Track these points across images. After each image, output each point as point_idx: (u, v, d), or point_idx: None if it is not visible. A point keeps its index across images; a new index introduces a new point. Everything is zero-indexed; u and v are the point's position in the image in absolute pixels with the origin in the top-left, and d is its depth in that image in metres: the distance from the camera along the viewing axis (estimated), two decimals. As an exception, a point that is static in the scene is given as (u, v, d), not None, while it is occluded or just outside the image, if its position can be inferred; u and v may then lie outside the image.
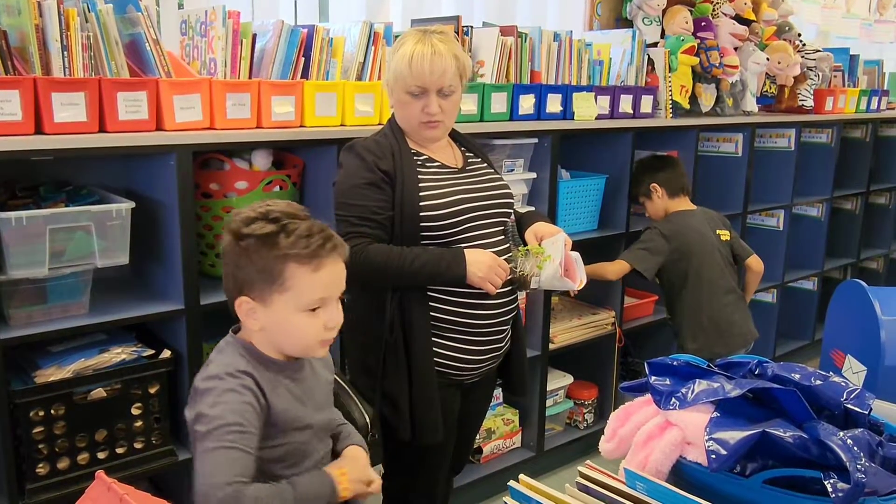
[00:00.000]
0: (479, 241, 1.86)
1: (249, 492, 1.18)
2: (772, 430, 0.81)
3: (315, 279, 1.27)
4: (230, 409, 1.22)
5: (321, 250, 1.27)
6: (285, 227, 1.26)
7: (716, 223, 2.84)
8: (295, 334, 1.30)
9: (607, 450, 0.97)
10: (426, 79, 1.77)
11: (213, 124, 1.91)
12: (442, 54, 1.77)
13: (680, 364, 0.97)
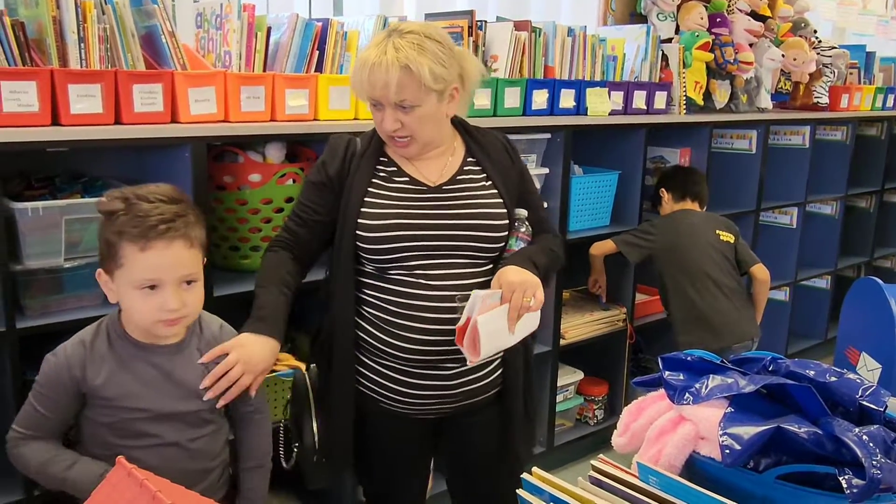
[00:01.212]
0: (425, 272, 1.60)
1: (24, 447, 1.41)
2: (786, 425, 0.81)
3: (142, 259, 1.32)
4: (44, 372, 1.40)
5: (151, 231, 1.31)
6: (130, 206, 1.33)
7: (718, 224, 2.85)
8: (131, 311, 1.38)
9: (620, 444, 0.97)
10: (371, 91, 1.54)
11: (228, 117, 1.92)
12: (386, 65, 1.49)
13: (694, 359, 0.97)
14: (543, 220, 1.83)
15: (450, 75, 1.56)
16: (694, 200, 2.90)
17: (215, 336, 1.53)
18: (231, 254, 2.14)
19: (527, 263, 1.58)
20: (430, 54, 1.52)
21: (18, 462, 1.43)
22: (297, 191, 2.13)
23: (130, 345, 1.42)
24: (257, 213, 2.09)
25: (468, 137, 1.73)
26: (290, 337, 2.37)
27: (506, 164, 1.73)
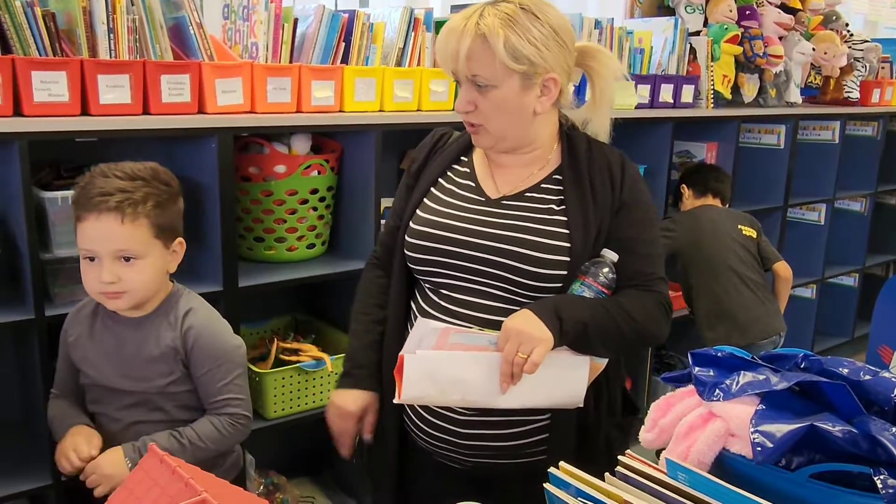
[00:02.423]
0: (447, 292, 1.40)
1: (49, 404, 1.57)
2: (820, 423, 0.80)
3: (80, 229, 1.39)
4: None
5: (86, 202, 1.36)
6: (90, 180, 1.39)
7: (740, 220, 2.80)
8: (83, 277, 1.43)
9: (647, 440, 0.96)
10: (444, 61, 1.36)
11: (254, 108, 1.92)
12: (461, 31, 1.29)
13: (724, 355, 0.95)
14: (642, 273, 1.40)
15: (543, 60, 1.30)
16: (715, 197, 2.86)
17: (178, 319, 1.50)
18: (256, 245, 2.15)
19: (547, 313, 1.27)
20: (519, 28, 1.27)
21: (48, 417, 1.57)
22: (321, 182, 2.15)
23: (106, 312, 1.51)
24: (282, 205, 2.10)
25: (569, 149, 1.44)
26: (314, 327, 2.38)
27: (601, 192, 1.39)
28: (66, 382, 1.57)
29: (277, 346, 2.13)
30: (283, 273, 2.08)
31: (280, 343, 2.15)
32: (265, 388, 2.04)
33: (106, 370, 1.49)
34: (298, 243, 2.16)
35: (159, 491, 0.61)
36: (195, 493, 0.60)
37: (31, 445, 1.86)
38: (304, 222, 2.15)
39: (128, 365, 1.48)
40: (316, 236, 2.20)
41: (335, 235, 2.31)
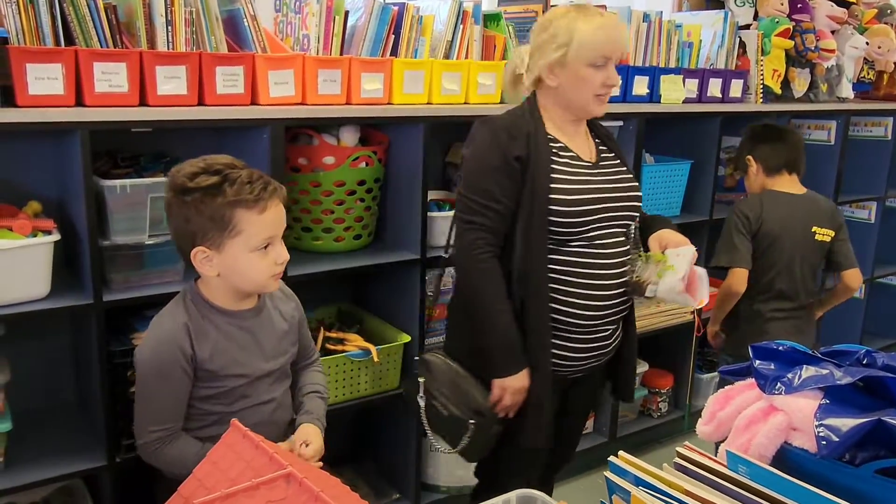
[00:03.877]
0: (602, 241, 1.77)
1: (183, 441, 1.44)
2: (888, 418, 0.79)
3: (261, 220, 1.38)
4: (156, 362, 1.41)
5: (264, 193, 1.38)
6: (227, 177, 1.36)
7: (818, 218, 2.43)
8: (249, 274, 1.41)
9: (705, 432, 0.95)
10: (615, 47, 1.71)
11: (305, 99, 1.94)
12: (618, 24, 1.78)
13: (785, 349, 0.94)
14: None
15: None
16: (791, 173, 2.46)
17: (283, 291, 1.61)
18: (304, 235, 2.18)
19: (674, 226, 1.90)
20: None
21: (166, 458, 1.44)
22: (369, 174, 2.16)
23: (220, 314, 1.47)
24: (330, 196, 2.12)
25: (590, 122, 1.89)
26: (358, 318, 2.41)
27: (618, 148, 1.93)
28: (179, 413, 1.46)
29: (324, 336, 2.15)
30: (329, 263, 2.10)
31: (326, 332, 2.18)
32: (312, 377, 2.07)
33: (254, 362, 1.50)
34: (345, 234, 2.18)
35: (244, 465, 0.62)
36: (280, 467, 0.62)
37: (86, 427, 1.92)
38: (352, 213, 2.17)
39: (269, 347, 1.53)
40: (363, 227, 2.22)
41: (381, 227, 2.33)
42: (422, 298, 2.23)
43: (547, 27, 1.74)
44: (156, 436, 1.43)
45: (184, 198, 1.37)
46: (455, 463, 2.43)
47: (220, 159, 1.42)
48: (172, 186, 1.39)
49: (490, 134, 1.74)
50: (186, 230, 1.39)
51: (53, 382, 2.01)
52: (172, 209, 1.40)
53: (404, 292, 2.26)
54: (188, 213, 1.37)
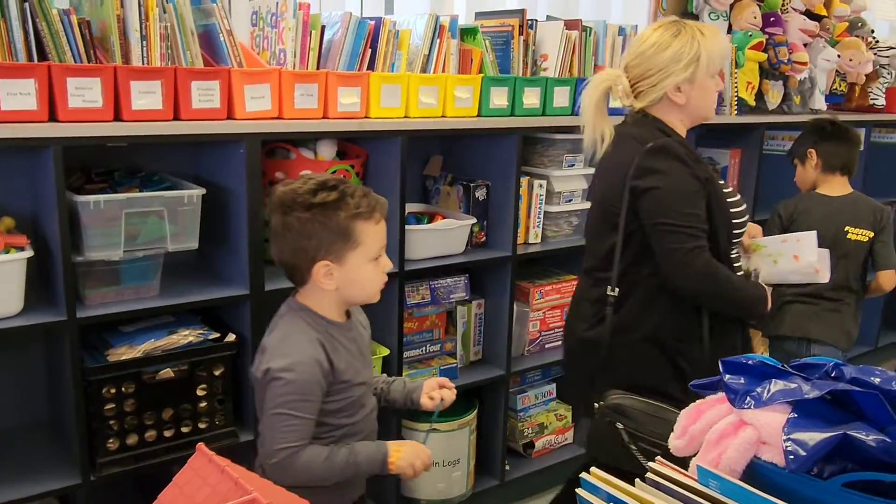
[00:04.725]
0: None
1: (303, 455, 1.41)
2: (853, 432, 0.80)
3: (377, 231, 1.45)
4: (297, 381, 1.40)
5: (378, 205, 1.45)
6: (345, 192, 1.41)
7: (854, 219, 2.57)
8: (366, 284, 1.48)
9: (677, 447, 0.96)
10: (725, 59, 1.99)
11: (282, 114, 1.94)
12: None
13: (755, 363, 0.95)
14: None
15: None
16: (844, 174, 2.62)
17: (358, 307, 1.64)
18: (281, 249, 2.17)
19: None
20: None
21: (302, 472, 1.43)
22: (347, 188, 2.16)
23: (336, 327, 1.51)
24: (308, 210, 2.11)
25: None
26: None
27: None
28: (313, 429, 1.46)
29: (302, 350, 2.14)
30: (308, 277, 2.09)
31: (304, 346, 2.17)
32: (290, 391, 2.06)
33: (365, 370, 1.57)
34: (323, 248, 2.18)
35: (210, 490, 0.62)
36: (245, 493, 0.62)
37: (60, 445, 1.90)
38: (329, 227, 2.16)
39: (367, 355, 1.62)
40: (340, 241, 2.22)
41: (359, 240, 2.32)
42: (400, 312, 2.23)
43: (665, 49, 1.79)
44: (287, 452, 1.41)
45: (306, 214, 1.40)
46: (435, 475, 2.42)
47: (322, 177, 1.47)
48: (291, 205, 1.41)
49: (677, 161, 1.76)
50: (308, 246, 1.41)
51: (26, 400, 1.99)
52: (292, 227, 1.41)
53: (383, 305, 2.25)
54: (311, 228, 1.40)
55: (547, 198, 2.56)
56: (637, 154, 1.77)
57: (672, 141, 1.80)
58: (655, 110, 1.85)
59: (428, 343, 2.46)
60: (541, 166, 2.57)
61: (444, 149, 2.63)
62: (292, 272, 1.48)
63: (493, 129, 2.33)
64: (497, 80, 2.31)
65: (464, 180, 2.47)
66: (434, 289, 2.38)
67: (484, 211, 2.47)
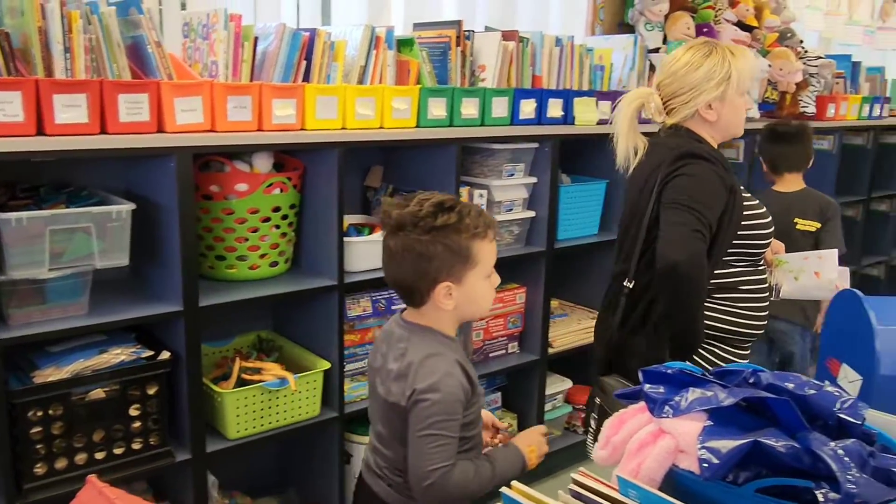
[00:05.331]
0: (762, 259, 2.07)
1: (454, 473, 1.40)
2: (764, 439, 0.82)
3: (492, 248, 1.48)
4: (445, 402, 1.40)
5: (491, 223, 1.47)
6: (461, 212, 1.42)
7: (803, 211, 2.81)
8: (481, 301, 1.50)
9: (601, 457, 0.97)
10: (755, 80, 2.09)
11: (214, 126, 1.91)
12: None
13: (674, 372, 0.97)
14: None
15: None
16: (792, 171, 2.86)
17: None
18: (218, 263, 2.13)
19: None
20: None
21: (457, 490, 1.42)
22: (284, 200, 2.14)
23: (453, 342, 1.51)
24: (244, 223, 2.09)
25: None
26: (277, 345, 2.37)
27: None
28: (456, 448, 1.44)
29: (240, 366, 2.11)
30: (245, 292, 2.07)
31: (242, 362, 2.13)
32: (227, 408, 2.02)
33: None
34: (261, 261, 2.15)
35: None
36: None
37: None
38: (267, 240, 2.14)
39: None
40: (279, 254, 2.19)
41: (299, 253, 2.30)
42: (340, 324, 2.21)
43: (697, 68, 1.88)
44: (440, 472, 1.40)
45: (427, 237, 1.39)
46: (379, 489, 2.40)
47: (436, 197, 1.45)
48: (412, 227, 1.40)
49: (707, 162, 1.84)
50: (429, 268, 1.41)
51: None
52: (413, 249, 1.40)
53: (323, 319, 2.24)
54: (433, 250, 1.40)
55: (488, 207, 2.57)
56: (669, 157, 1.86)
57: (703, 147, 1.90)
58: (688, 125, 1.94)
59: (371, 355, 2.45)
60: (481, 176, 2.58)
61: (384, 159, 2.62)
62: (410, 294, 1.47)
63: (431, 140, 2.33)
64: (435, 90, 2.32)
65: (404, 191, 2.47)
66: (376, 300, 2.37)
67: (425, 221, 2.46)
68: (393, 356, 1.48)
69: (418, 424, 1.40)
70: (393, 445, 1.49)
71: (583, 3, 3.29)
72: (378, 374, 1.52)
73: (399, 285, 1.48)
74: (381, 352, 1.53)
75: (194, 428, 1.96)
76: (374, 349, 1.57)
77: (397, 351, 1.47)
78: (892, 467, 0.81)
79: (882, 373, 1.09)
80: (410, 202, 1.43)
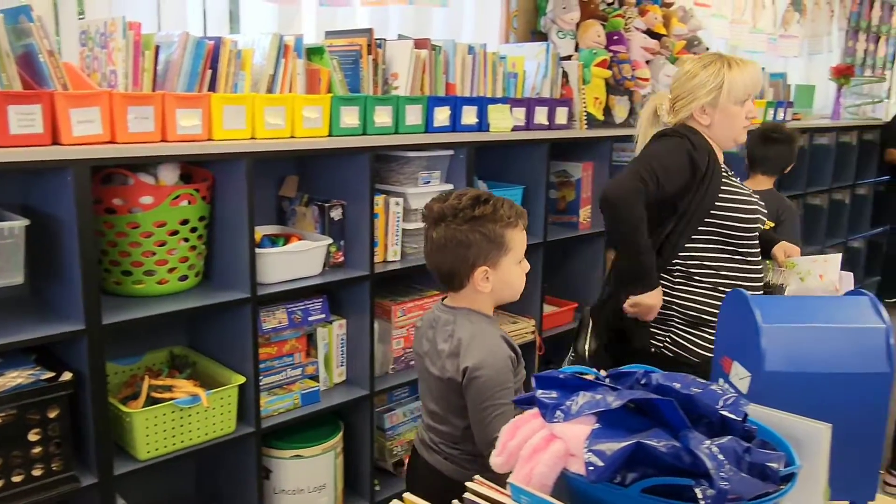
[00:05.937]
0: (751, 250, 2.18)
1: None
2: (646, 440, 0.84)
3: (523, 237, 1.66)
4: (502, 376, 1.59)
5: (522, 214, 1.65)
6: (496, 204, 1.61)
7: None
8: (515, 284, 1.67)
9: (497, 464, 0.98)
10: (760, 85, 2.20)
11: (115, 138, 1.85)
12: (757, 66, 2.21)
13: (567, 376, 0.98)
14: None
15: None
16: (764, 174, 3.12)
17: None
18: (125, 279, 2.06)
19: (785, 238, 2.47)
20: None
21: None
22: (192, 212, 2.09)
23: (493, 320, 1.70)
24: (150, 237, 2.03)
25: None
26: (191, 361, 2.31)
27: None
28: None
29: (149, 384, 2.04)
30: (153, 307, 2.00)
31: (152, 380, 2.07)
32: (136, 429, 1.96)
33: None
34: (170, 276, 2.09)
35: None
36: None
37: None
38: (175, 254, 2.08)
39: None
40: (189, 268, 2.14)
41: (210, 266, 2.25)
42: (255, 338, 2.17)
43: (693, 76, 2.17)
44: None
45: (465, 226, 1.58)
46: (300, 502, 2.37)
47: (472, 191, 1.64)
48: (452, 218, 1.59)
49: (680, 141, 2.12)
50: (468, 254, 1.60)
51: None
52: (454, 238, 1.59)
53: (237, 332, 2.19)
54: (472, 238, 1.59)
55: (404, 215, 2.57)
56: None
57: (686, 129, 2.17)
58: (689, 124, 2.21)
59: (289, 367, 2.41)
60: (397, 184, 2.58)
61: (299, 169, 2.59)
62: (451, 278, 1.65)
63: (344, 149, 2.31)
64: (347, 99, 2.30)
65: (319, 200, 2.45)
66: (291, 312, 2.33)
67: (341, 231, 2.45)
68: (442, 338, 1.65)
69: (476, 399, 1.57)
70: (448, 420, 1.66)
71: (497, 12, 3.33)
72: (427, 356, 1.70)
73: (441, 271, 1.65)
74: (426, 337, 1.71)
75: (101, 450, 1.89)
76: (418, 336, 1.76)
77: (445, 333, 1.65)
78: (766, 462, 0.84)
79: (767, 369, 1.14)
80: (450, 197, 1.62)
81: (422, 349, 1.72)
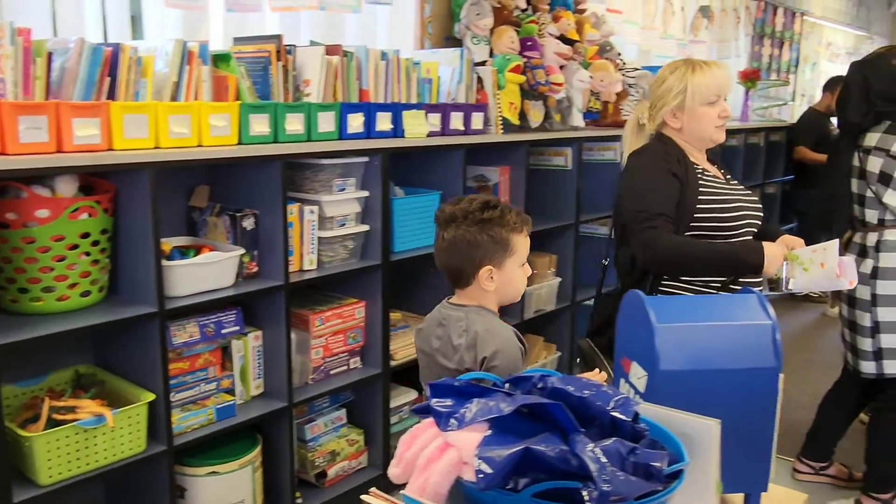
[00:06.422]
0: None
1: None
2: (534, 445, 0.85)
3: (526, 242, 1.75)
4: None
5: (526, 220, 1.75)
6: (503, 210, 1.71)
7: None
8: (518, 286, 1.76)
9: (395, 474, 0.97)
10: (722, 85, 2.19)
11: (4, 150, 1.77)
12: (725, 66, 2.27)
13: (462, 384, 0.99)
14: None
15: None
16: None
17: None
18: (21, 296, 1.97)
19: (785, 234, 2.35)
20: None
21: None
22: (93, 225, 2.01)
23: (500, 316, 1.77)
24: (48, 252, 1.94)
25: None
26: (98, 380, 2.23)
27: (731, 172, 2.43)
28: None
29: (49, 406, 1.96)
30: (52, 325, 1.92)
31: (53, 402, 1.98)
32: (36, 453, 1.87)
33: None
34: (70, 291, 2.01)
35: None
36: None
37: None
38: (76, 269, 2.00)
39: None
40: (91, 283, 2.06)
41: (116, 280, 2.17)
42: (164, 353, 2.10)
43: (662, 82, 2.24)
44: None
45: (474, 228, 1.68)
46: (217, 521, 2.31)
47: (482, 197, 1.74)
48: (463, 220, 1.69)
49: (649, 156, 2.19)
50: (475, 254, 1.69)
51: None
52: (464, 237, 1.68)
53: (145, 348, 2.12)
54: (479, 239, 1.68)
55: (320, 223, 2.54)
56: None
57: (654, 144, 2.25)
58: (664, 131, 2.28)
59: (202, 382, 2.34)
60: (311, 192, 2.54)
61: (210, 179, 2.53)
62: (458, 276, 1.73)
63: (255, 158, 2.27)
64: (256, 106, 2.26)
65: (231, 210, 2.40)
66: (203, 325, 2.28)
67: (254, 240, 2.40)
68: (456, 333, 1.72)
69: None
70: None
71: (411, 18, 3.33)
72: (439, 353, 1.76)
73: (449, 269, 1.75)
74: (436, 335, 1.77)
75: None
76: (424, 335, 1.82)
77: (459, 328, 1.71)
78: (651, 462, 0.86)
79: (661, 368, 1.17)
80: (461, 201, 1.73)
81: (430, 347, 1.79)
